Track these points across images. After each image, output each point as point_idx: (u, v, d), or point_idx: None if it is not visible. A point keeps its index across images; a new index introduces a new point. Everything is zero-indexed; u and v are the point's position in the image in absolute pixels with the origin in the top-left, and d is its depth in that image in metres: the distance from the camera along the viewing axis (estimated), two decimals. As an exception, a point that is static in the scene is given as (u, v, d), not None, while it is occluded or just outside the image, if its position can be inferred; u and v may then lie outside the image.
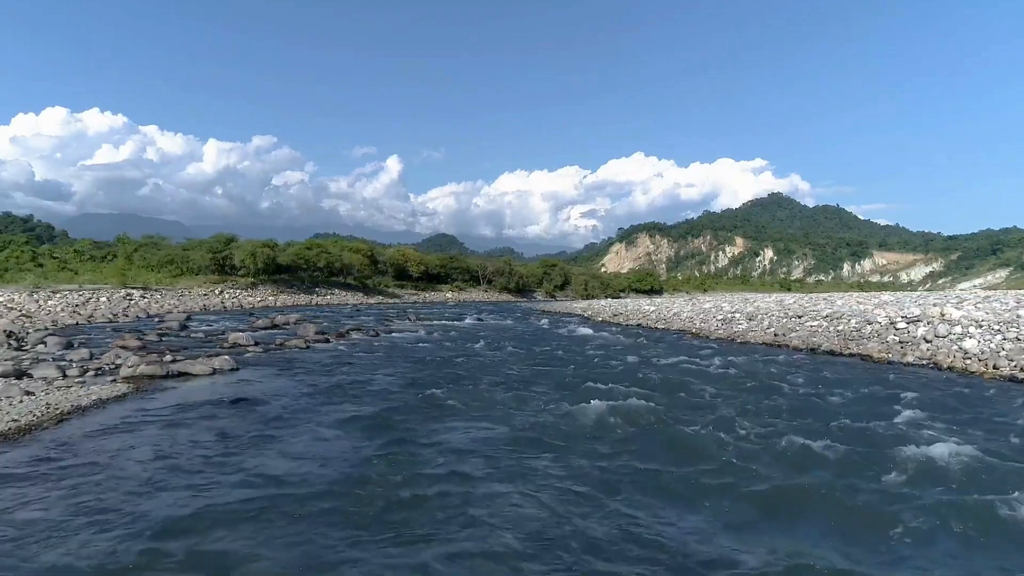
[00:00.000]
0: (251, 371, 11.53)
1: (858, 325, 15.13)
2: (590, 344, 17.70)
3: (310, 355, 14.25)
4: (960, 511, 4.48)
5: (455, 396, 8.62)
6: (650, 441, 6.60)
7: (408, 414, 7.70)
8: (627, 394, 8.56)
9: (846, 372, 11.52)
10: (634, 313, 30.36)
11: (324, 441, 6.54)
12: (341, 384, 9.77)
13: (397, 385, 9.86)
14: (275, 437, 6.60)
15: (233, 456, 5.86)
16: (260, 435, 6.65)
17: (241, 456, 5.86)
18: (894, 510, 4.57)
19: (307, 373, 11.23)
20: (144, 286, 44.45)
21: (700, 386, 9.68)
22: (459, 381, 10.16)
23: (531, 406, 8.21)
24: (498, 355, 14.58)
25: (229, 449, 6.10)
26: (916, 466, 5.51)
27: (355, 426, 7.10)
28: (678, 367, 12.36)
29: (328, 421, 7.36)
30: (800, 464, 5.72)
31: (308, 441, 6.50)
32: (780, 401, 8.64)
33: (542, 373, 11.33)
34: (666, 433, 6.89)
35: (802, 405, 8.42)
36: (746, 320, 19.95)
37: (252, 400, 8.33)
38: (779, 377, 10.85)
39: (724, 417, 7.43)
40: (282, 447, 6.23)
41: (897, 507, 4.62)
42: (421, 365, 12.49)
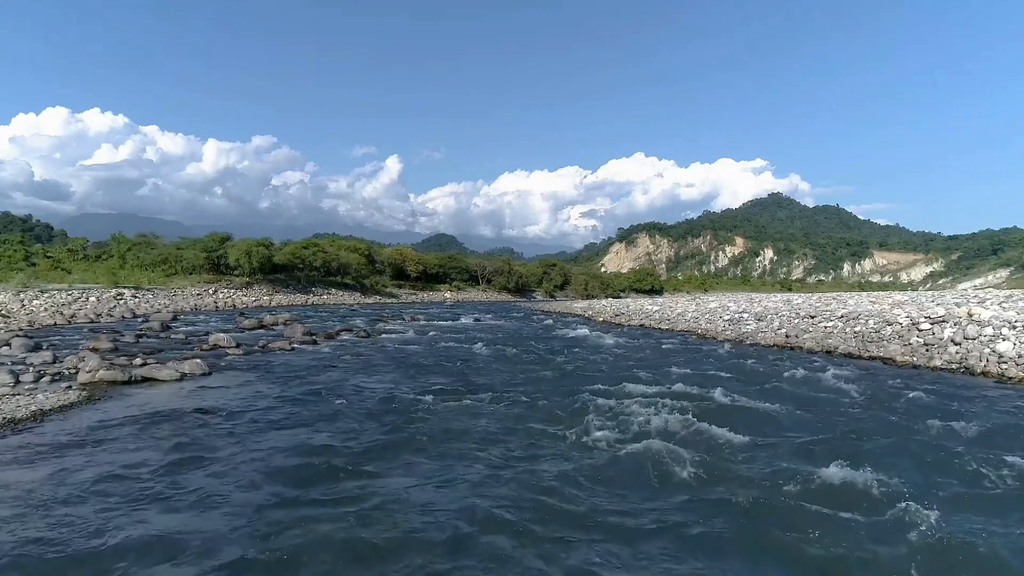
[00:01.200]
0: (223, 376, 10.61)
1: (877, 326, 14.21)
2: (590, 347, 16.72)
3: (293, 358, 13.33)
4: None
5: (429, 419, 7.23)
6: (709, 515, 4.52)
7: (364, 450, 6.07)
8: (644, 427, 6.74)
9: (879, 379, 10.41)
10: (636, 313, 29.43)
11: (241, 488, 4.98)
12: (312, 395, 8.75)
13: (372, 398, 8.62)
14: (197, 466, 5.48)
15: (119, 501, 4.69)
16: (179, 464, 5.50)
17: (130, 502, 4.69)
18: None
19: (282, 380, 10.29)
20: (136, 286, 43.58)
21: (734, 407, 8.01)
22: (441, 394, 8.81)
23: (521, 441, 6.44)
24: (491, 360, 13.64)
25: (129, 487, 4.97)
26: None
27: (295, 461, 5.65)
28: (696, 375, 11.43)
29: (269, 449, 6.01)
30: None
31: (224, 484, 5.07)
32: (844, 423, 7.29)
33: (539, 384, 10.15)
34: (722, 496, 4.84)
35: (875, 427, 6.98)
36: (755, 321, 19.03)
37: (209, 412, 7.40)
38: (815, 388, 9.70)
39: (794, 472, 5.28)
40: (193, 485, 5.02)
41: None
42: (405, 371, 11.52)
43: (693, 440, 6.32)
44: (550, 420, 7.29)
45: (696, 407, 7.56)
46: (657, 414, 7.12)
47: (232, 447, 6.13)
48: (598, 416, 7.23)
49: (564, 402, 8.18)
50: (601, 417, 7.20)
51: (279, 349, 14.89)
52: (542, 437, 6.62)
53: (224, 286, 51.98)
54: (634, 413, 7.28)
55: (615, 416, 7.25)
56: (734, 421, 6.96)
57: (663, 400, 7.95)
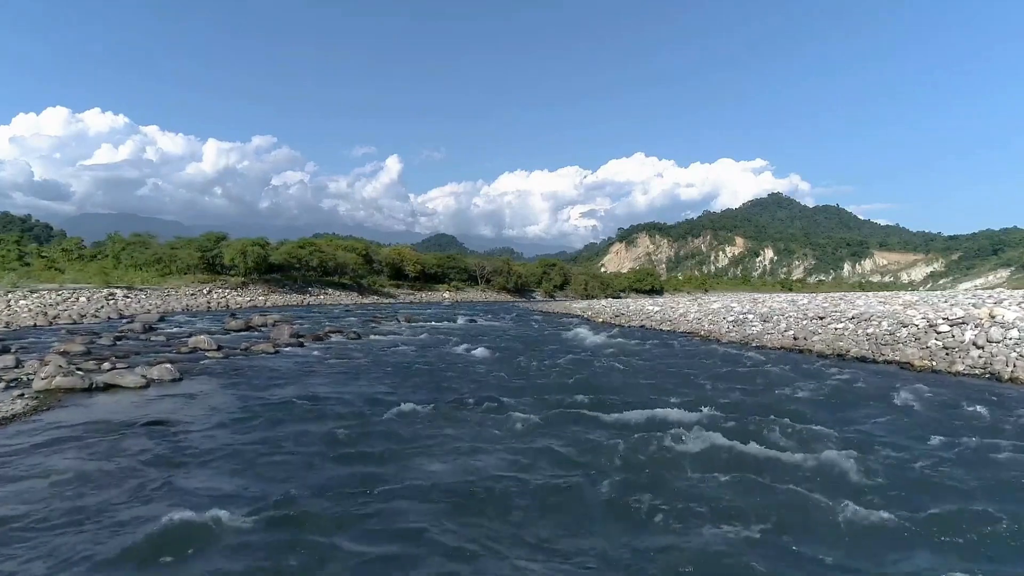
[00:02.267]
0: (193, 383, 9.88)
1: (891, 328, 13.47)
2: (589, 351, 15.97)
3: (274, 362, 12.60)
4: None
5: (399, 449, 6.03)
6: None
7: (325, 483, 5.04)
8: (646, 440, 6.07)
9: (905, 386, 9.42)
10: (637, 314, 28.69)
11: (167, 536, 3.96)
12: (279, 407, 7.92)
13: (342, 414, 7.56)
14: (94, 508, 4.50)
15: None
16: (76, 499, 4.63)
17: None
18: None
19: (254, 388, 9.54)
20: (128, 286, 43.00)
21: (755, 410, 7.49)
22: (418, 414, 7.66)
23: (506, 457, 5.49)
24: (481, 365, 12.87)
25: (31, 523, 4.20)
26: None
27: (245, 496, 4.75)
28: (706, 383, 10.70)
29: (196, 489, 4.89)
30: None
31: (142, 527, 4.12)
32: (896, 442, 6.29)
33: (530, 395, 9.28)
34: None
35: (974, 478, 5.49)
36: (760, 322, 18.30)
37: (160, 425, 6.66)
38: (852, 399, 8.85)
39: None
40: (68, 539, 4.04)
41: None
42: (388, 379, 10.75)
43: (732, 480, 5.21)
44: (539, 446, 6.36)
45: (717, 425, 6.75)
46: (671, 437, 6.31)
47: (155, 476, 5.18)
48: (598, 439, 6.44)
49: (558, 418, 7.36)
50: (601, 444, 6.36)
51: (262, 352, 14.17)
52: (532, 475, 5.63)
53: (219, 286, 51.34)
54: (636, 433, 6.53)
55: (616, 444, 6.35)
56: (777, 453, 5.73)
57: (676, 417, 7.19)
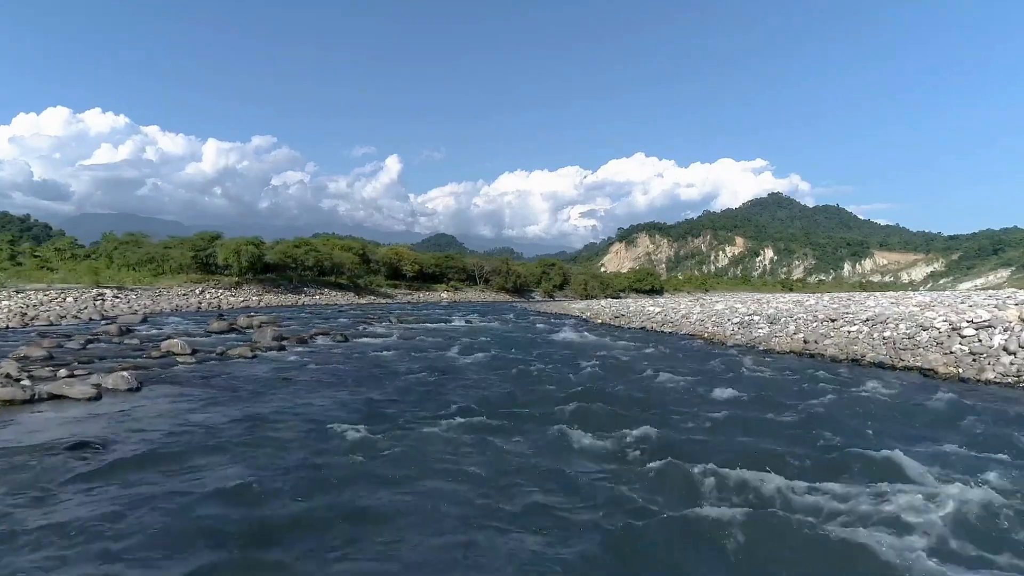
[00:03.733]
0: (152, 393, 8.99)
1: (909, 331, 12.59)
2: (586, 354, 15.05)
3: (248, 368, 11.72)
4: None
5: (359, 481, 5.06)
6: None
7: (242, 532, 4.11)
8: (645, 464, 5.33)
9: (937, 397, 8.52)
10: (637, 315, 27.82)
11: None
12: (236, 423, 7.07)
13: (303, 432, 6.67)
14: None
15: None
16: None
17: None
18: None
19: (216, 399, 8.66)
20: (119, 285, 42.23)
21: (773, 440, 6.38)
22: (396, 422, 6.96)
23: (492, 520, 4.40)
24: (470, 370, 11.99)
25: None
26: None
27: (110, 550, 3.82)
28: (711, 384, 9.83)
29: (95, 535, 3.98)
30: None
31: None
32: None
33: (520, 407, 8.40)
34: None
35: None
36: (767, 324, 17.41)
37: (85, 449, 5.73)
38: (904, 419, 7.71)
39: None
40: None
41: None
42: (368, 387, 9.86)
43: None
44: (518, 470, 5.55)
45: (733, 451, 5.85)
46: (673, 467, 5.41)
47: (51, 512, 4.33)
48: (581, 471, 5.54)
49: (541, 443, 6.44)
50: (586, 477, 5.44)
51: (238, 356, 13.29)
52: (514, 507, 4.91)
53: (212, 286, 50.57)
54: (630, 464, 5.65)
55: (605, 477, 5.46)
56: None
57: (678, 440, 6.32)
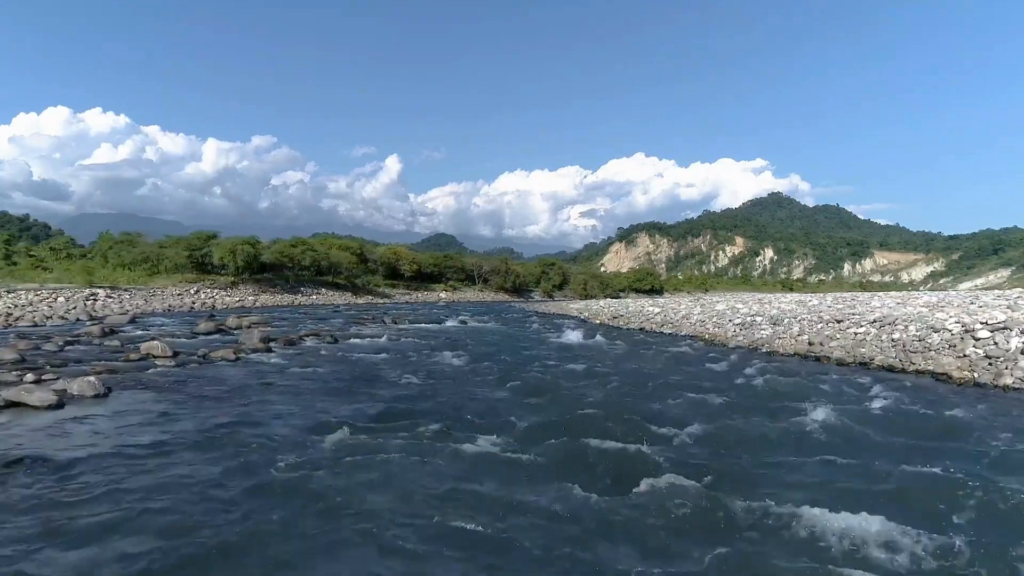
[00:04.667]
0: (121, 399, 8.47)
1: (920, 333, 12.07)
2: (581, 357, 14.52)
3: (229, 371, 11.20)
4: None
5: (328, 491, 4.70)
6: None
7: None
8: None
9: (954, 403, 8.13)
10: (636, 315, 27.30)
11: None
12: (202, 432, 6.57)
13: (280, 438, 6.28)
14: None
15: None
16: None
17: None
18: None
19: (189, 405, 8.14)
20: (112, 285, 41.76)
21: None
22: (370, 435, 6.39)
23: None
24: (460, 374, 11.48)
25: None
26: None
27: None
28: (713, 390, 9.31)
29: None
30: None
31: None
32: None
33: (508, 415, 7.88)
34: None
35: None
36: (770, 325, 16.88)
37: (27, 465, 5.21)
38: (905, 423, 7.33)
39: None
40: None
41: None
42: (350, 392, 9.35)
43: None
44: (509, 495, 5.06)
45: (738, 472, 5.37)
46: (661, 490, 4.94)
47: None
48: (559, 497, 5.02)
49: (538, 451, 5.99)
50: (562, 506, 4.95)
51: (221, 359, 12.76)
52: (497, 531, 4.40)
53: (207, 286, 50.10)
54: (618, 489, 5.13)
55: (589, 497, 4.99)
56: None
57: (671, 458, 5.81)
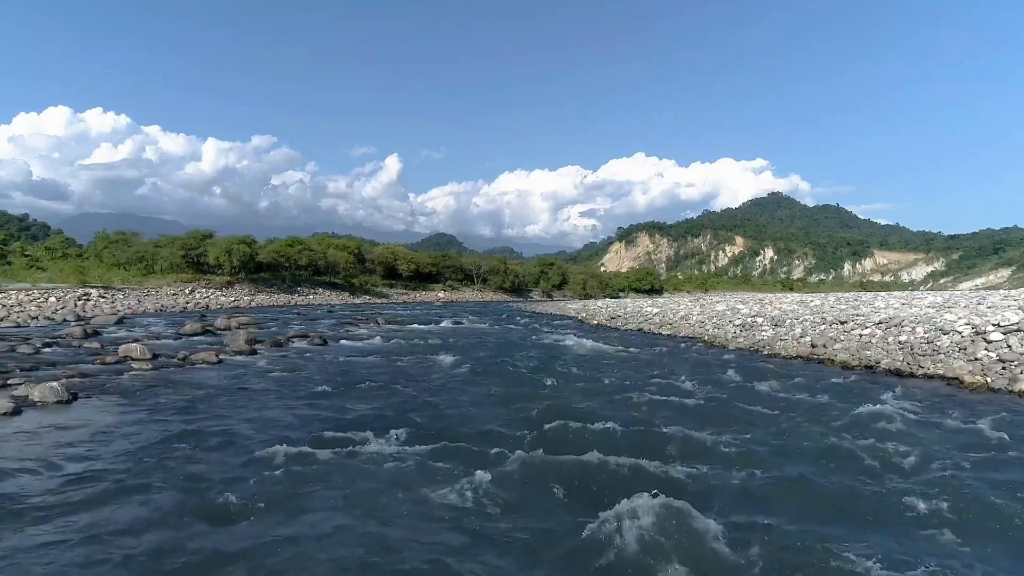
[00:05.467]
0: (86, 406, 7.99)
1: (928, 335, 11.60)
2: (576, 359, 14.00)
3: (206, 375, 10.72)
4: None
5: (285, 511, 4.37)
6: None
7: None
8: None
9: (971, 412, 7.66)
10: (634, 316, 26.83)
11: None
12: (167, 442, 6.09)
13: (247, 449, 5.86)
14: None
15: None
16: None
17: None
18: None
19: (158, 412, 7.67)
20: (106, 285, 41.33)
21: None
22: (343, 445, 5.95)
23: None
24: (448, 378, 11.01)
25: None
26: None
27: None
28: (714, 397, 8.84)
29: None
30: None
31: None
32: None
33: (485, 424, 7.40)
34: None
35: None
36: (771, 326, 16.40)
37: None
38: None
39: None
40: None
41: None
42: (331, 397, 8.89)
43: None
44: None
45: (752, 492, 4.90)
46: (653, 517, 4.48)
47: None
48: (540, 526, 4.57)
49: (515, 469, 5.48)
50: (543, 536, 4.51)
51: (201, 362, 12.30)
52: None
53: (203, 285, 49.67)
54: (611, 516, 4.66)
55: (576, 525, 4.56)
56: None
57: (683, 482, 5.34)
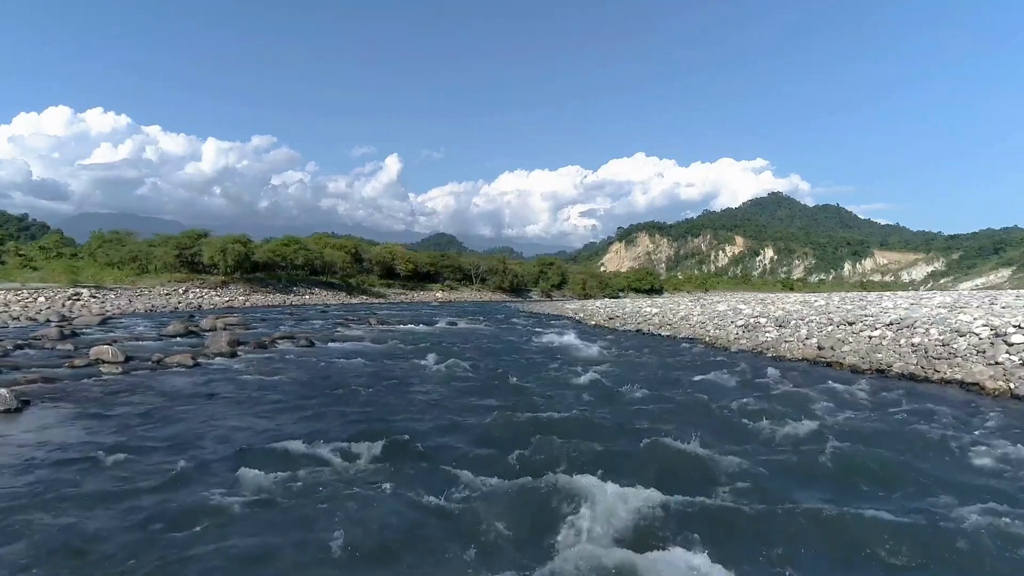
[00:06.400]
0: (37, 413, 7.37)
1: (943, 337, 10.97)
2: (571, 362, 13.36)
3: (177, 381, 10.08)
4: None
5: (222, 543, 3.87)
6: None
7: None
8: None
9: (1002, 424, 7.05)
10: (633, 316, 26.20)
11: None
12: (112, 455, 5.42)
13: (197, 464, 5.39)
14: None
15: None
16: None
17: None
18: None
19: (113, 422, 7.05)
20: (97, 285, 40.77)
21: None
22: (305, 461, 5.52)
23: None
24: (430, 383, 10.36)
25: None
26: None
27: None
28: (716, 403, 8.21)
29: None
30: None
31: None
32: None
33: (470, 433, 6.93)
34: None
35: None
36: (775, 327, 15.77)
37: None
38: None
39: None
40: None
41: None
42: (304, 405, 8.25)
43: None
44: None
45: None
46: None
47: None
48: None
49: (492, 489, 4.90)
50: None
51: (176, 365, 11.66)
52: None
53: (197, 285, 49.03)
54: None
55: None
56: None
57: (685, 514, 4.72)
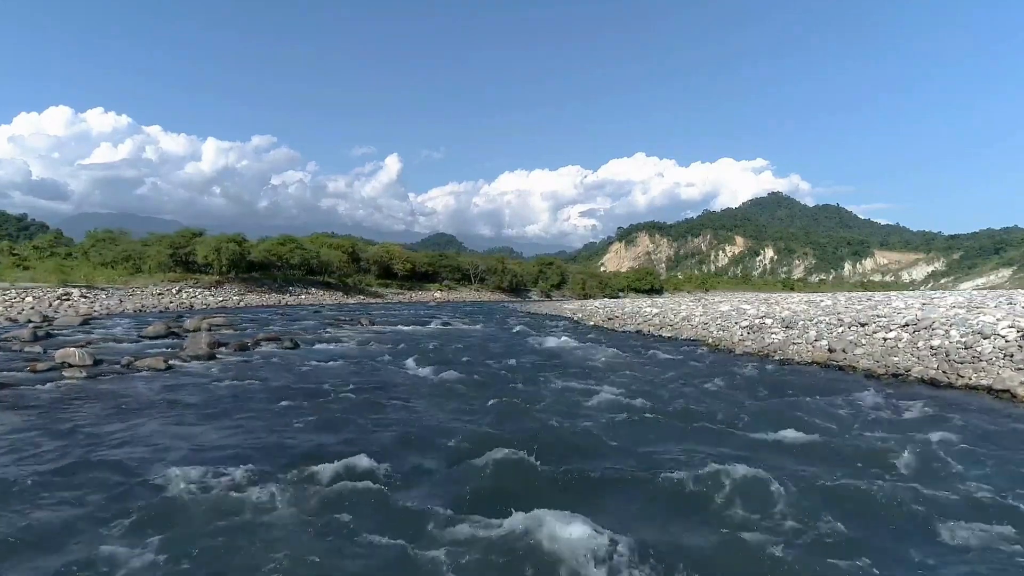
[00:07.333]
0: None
1: (965, 339, 10.24)
2: (567, 366, 12.65)
3: (143, 386, 9.36)
4: None
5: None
6: None
7: None
8: None
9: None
10: (632, 316, 25.48)
11: None
12: (46, 478, 4.67)
13: (143, 482, 4.71)
14: None
15: None
16: None
17: None
18: None
19: (60, 434, 6.34)
20: (88, 284, 40.07)
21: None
22: (263, 479, 4.99)
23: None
24: (414, 389, 9.66)
25: None
26: None
27: None
28: (722, 413, 7.48)
29: None
30: None
31: None
32: None
33: (448, 448, 6.19)
34: None
35: None
36: (782, 328, 15.03)
37: None
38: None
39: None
40: None
41: None
42: (275, 413, 7.55)
43: None
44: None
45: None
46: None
47: None
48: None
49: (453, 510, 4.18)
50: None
51: (146, 369, 10.95)
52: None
53: (190, 285, 48.31)
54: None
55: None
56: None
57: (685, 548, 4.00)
